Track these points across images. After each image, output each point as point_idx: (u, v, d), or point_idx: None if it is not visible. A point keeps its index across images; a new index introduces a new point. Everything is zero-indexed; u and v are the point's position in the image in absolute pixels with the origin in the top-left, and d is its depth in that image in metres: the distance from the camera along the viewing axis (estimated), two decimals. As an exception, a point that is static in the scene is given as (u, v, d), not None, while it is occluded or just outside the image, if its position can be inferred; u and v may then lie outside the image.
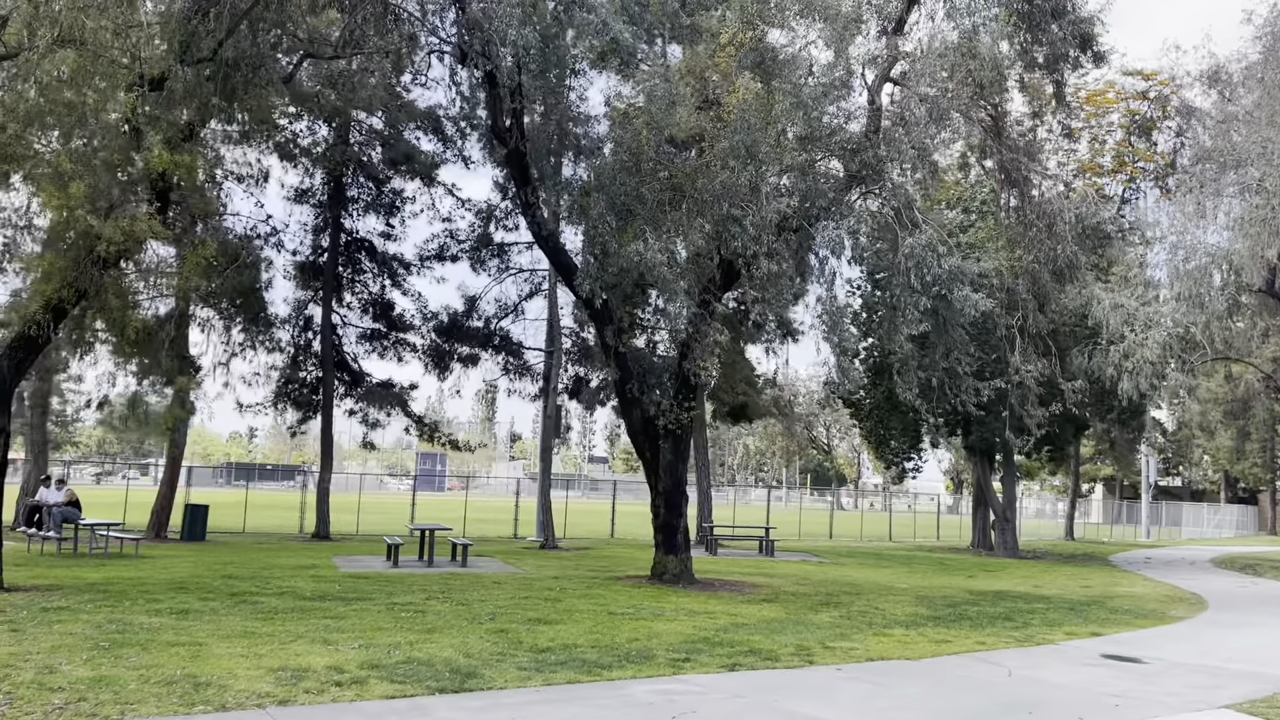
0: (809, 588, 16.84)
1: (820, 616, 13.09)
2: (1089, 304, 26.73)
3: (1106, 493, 75.43)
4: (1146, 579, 22.59)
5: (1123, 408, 26.73)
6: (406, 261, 27.11)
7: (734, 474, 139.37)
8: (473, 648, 9.50)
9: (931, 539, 36.57)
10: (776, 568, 20.91)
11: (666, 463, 16.58)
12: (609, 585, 15.66)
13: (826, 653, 10.25)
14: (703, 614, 12.75)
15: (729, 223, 14.97)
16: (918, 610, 14.25)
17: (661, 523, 16.57)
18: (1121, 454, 42.88)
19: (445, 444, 27.57)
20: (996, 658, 10.44)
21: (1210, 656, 11.09)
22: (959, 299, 14.49)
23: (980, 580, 20.17)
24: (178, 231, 15.33)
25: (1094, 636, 12.42)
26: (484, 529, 30.17)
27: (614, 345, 16.59)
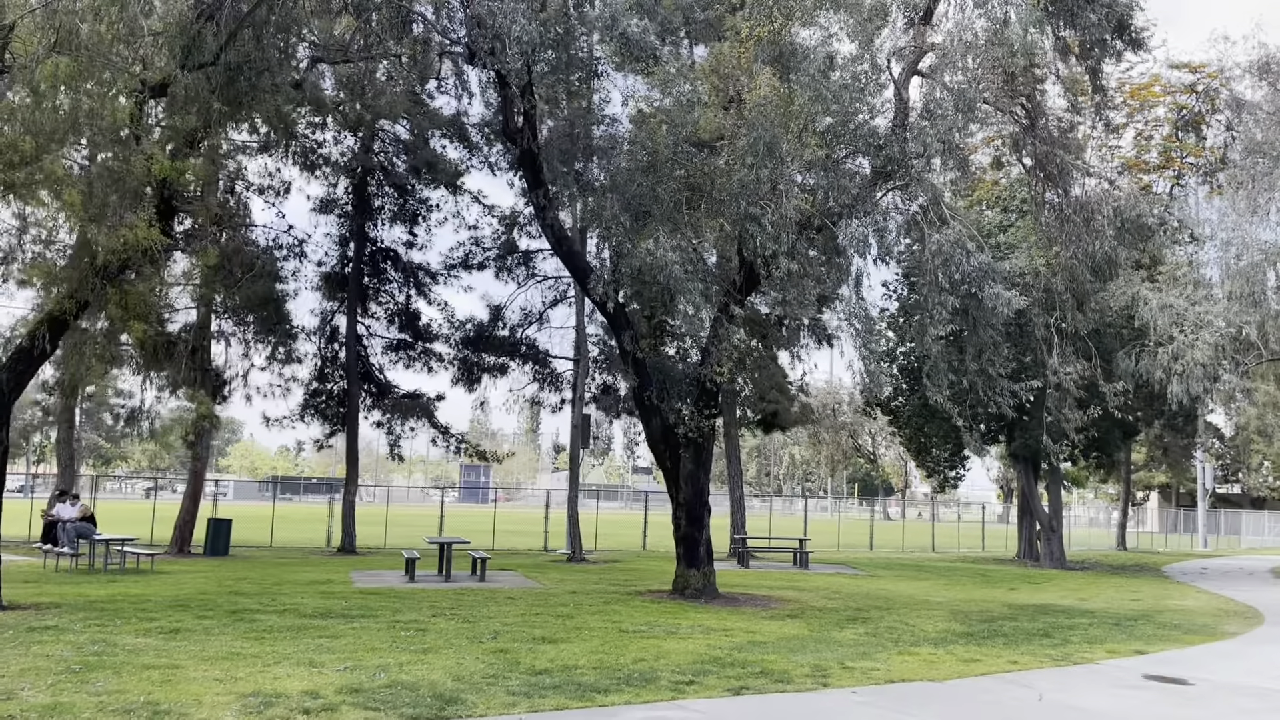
0: (838, 602, 16.15)
1: (845, 633, 12.42)
2: (1135, 304, 25.72)
3: (1162, 501, 73.23)
4: (1200, 591, 21.51)
5: (1173, 412, 25.59)
6: (433, 271, 26.86)
7: (780, 484, 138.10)
8: (466, 669, 9.02)
9: (977, 549, 35.49)
10: (808, 580, 20.20)
11: (687, 472, 16.01)
12: (627, 601, 15.11)
13: (844, 673, 9.61)
14: (719, 631, 12.16)
15: (747, 222, 14.41)
16: (950, 626, 13.51)
17: (682, 535, 15.99)
18: (1175, 460, 41.39)
19: (472, 455, 27.25)
20: (1028, 679, 9.72)
21: (1263, 676, 10.25)
22: (990, 297, 13.76)
23: (1022, 593, 19.30)
24: (183, 241, 15.09)
25: (1138, 655, 11.62)
26: (516, 541, 29.81)
27: (631, 351, 16.09)
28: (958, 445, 29.64)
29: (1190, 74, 31.04)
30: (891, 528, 42.88)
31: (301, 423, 26.80)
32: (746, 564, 23.49)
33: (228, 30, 13.48)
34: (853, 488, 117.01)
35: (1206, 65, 30.66)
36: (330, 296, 26.38)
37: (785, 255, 14.11)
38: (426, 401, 26.34)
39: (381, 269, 26.54)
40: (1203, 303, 25.14)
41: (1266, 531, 60.19)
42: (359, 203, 25.73)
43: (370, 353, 26.51)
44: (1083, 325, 16.82)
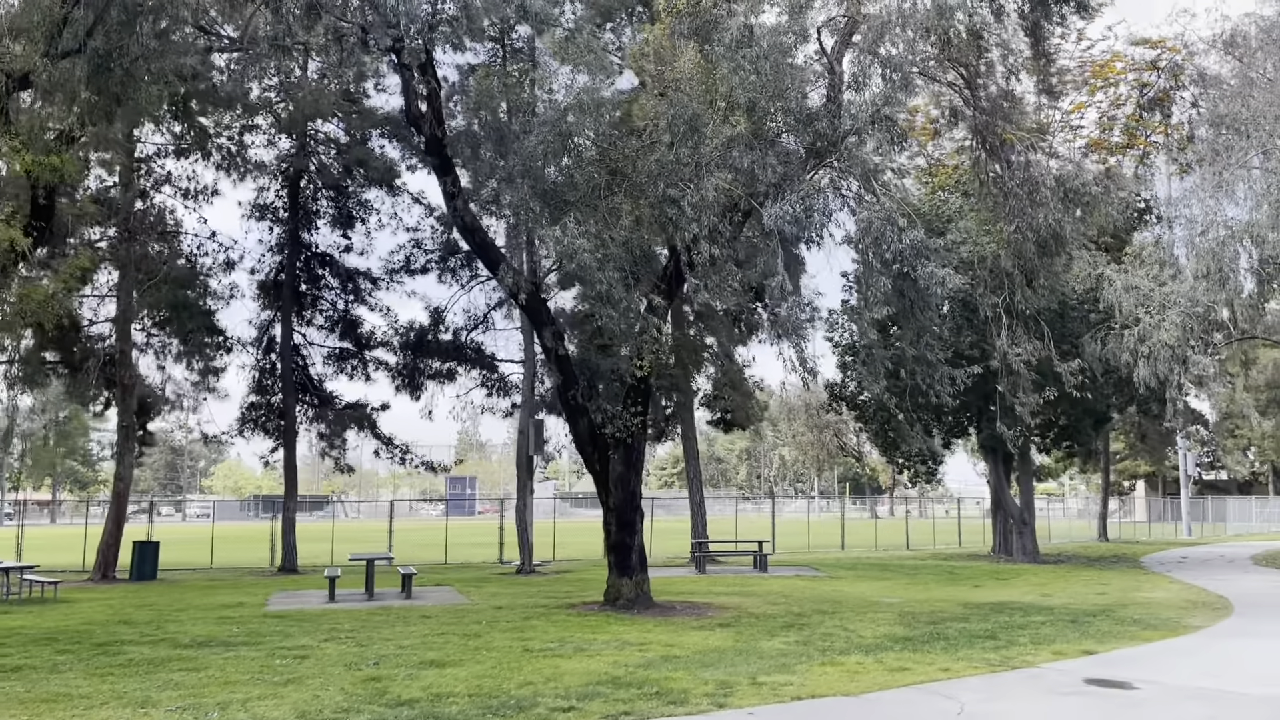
0: (781, 607, 15.17)
1: (773, 643, 11.45)
2: (1099, 286, 24.86)
3: (1149, 490, 72.49)
4: (1173, 581, 20.62)
5: (1143, 396, 24.72)
6: (373, 276, 25.88)
7: (771, 485, 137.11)
8: (319, 703, 8.02)
9: (953, 546, 34.56)
10: (761, 585, 19.22)
11: (617, 475, 15.04)
12: (552, 615, 14.12)
13: (752, 690, 8.64)
14: (635, 646, 11.18)
15: (665, 204, 13.50)
16: (892, 630, 12.55)
17: (613, 542, 15.01)
18: (1154, 447, 40.54)
19: (418, 467, 26.23)
20: (955, 688, 8.77)
21: (1217, 677, 9.32)
22: (924, 276, 12.82)
23: (985, 590, 18.37)
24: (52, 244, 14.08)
25: (1085, 655, 10.67)
26: (476, 553, 28.78)
27: (553, 348, 15.14)
28: (927, 438, 28.74)
29: (1151, 50, 30.25)
30: (867, 526, 41.96)
31: (241, 438, 25.77)
32: (704, 569, 22.51)
33: (94, 12, 12.51)
34: (844, 487, 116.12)
35: (1168, 40, 29.90)
36: (267, 306, 25.36)
37: (706, 239, 13.20)
38: (369, 412, 25.32)
39: (318, 275, 25.54)
40: (1169, 283, 24.29)
41: (1253, 517, 59.40)
42: (293, 206, 24.73)
43: (310, 363, 25.48)
44: (1033, 302, 15.87)
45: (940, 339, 14.05)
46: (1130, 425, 41.65)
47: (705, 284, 13.16)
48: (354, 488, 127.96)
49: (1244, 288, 27.68)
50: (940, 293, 12.76)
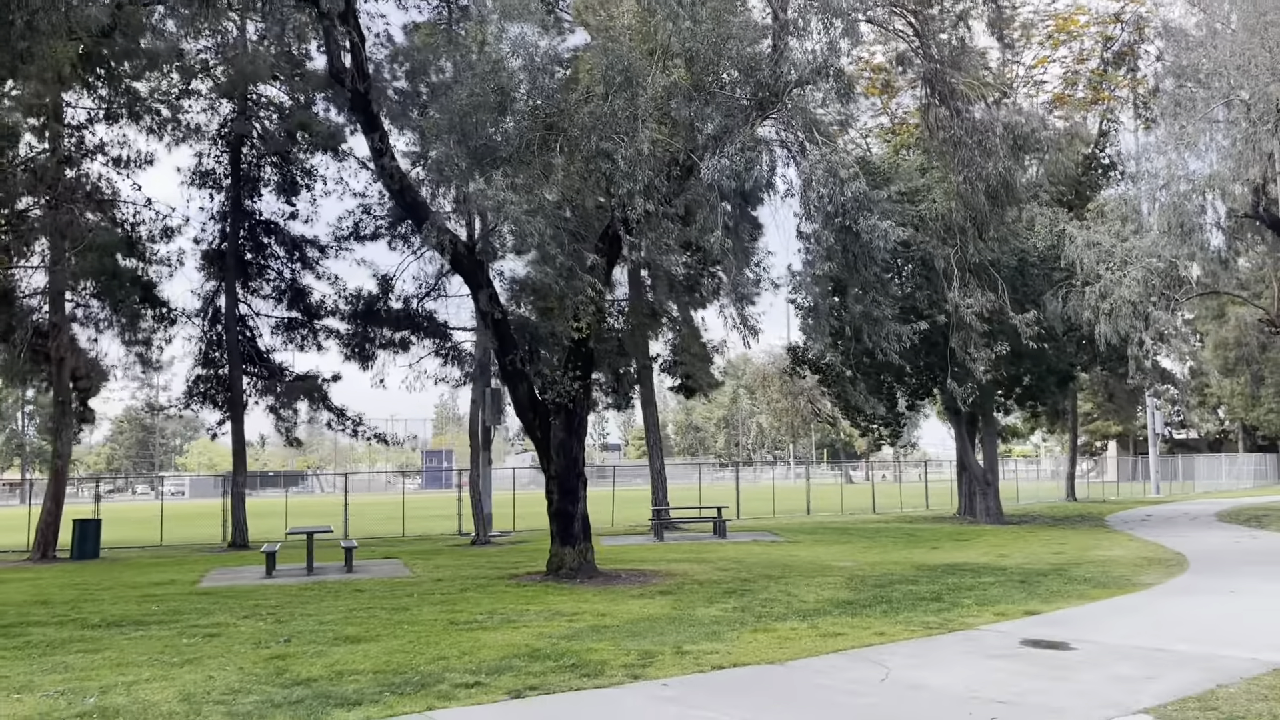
0: (731, 573, 14.84)
1: (710, 610, 11.09)
2: (1061, 242, 24.54)
3: (1120, 449, 72.94)
4: (1133, 539, 20.47)
5: (1104, 354, 24.50)
6: (321, 244, 25.17)
7: (749, 452, 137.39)
8: (211, 685, 7.58)
9: (921, 508, 34.45)
10: (717, 551, 18.90)
11: (558, 441, 14.60)
12: (490, 586, 13.72)
13: (675, 660, 8.26)
14: (567, 616, 10.79)
15: (599, 158, 12.98)
16: (836, 595, 12.23)
17: (555, 510, 14.59)
18: (1121, 406, 40.51)
19: (370, 439, 25.69)
20: (885, 654, 8.42)
21: (1159, 635, 9.02)
22: (866, 230, 12.37)
23: (942, 552, 18.11)
24: None
25: (1028, 616, 10.38)
26: (435, 526, 28.36)
27: (489, 311, 14.63)
28: (890, 401, 28.48)
29: (1116, 2, 29.83)
30: (838, 491, 41.85)
31: (189, 411, 25.16)
32: (662, 537, 22.18)
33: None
34: (821, 453, 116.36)
35: (1132, -8, 29.46)
36: (212, 276, 24.64)
37: (642, 195, 12.68)
38: (320, 383, 24.73)
39: (264, 244, 24.82)
40: (1131, 238, 23.99)
41: (1223, 475, 59.82)
42: (234, 173, 23.97)
43: (258, 334, 24.83)
44: (984, 254, 15.46)
45: (888, 294, 13.64)
46: (1098, 385, 41.65)
47: (641, 242, 12.62)
48: (330, 462, 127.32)
49: (1210, 243, 27.46)
50: (883, 246, 12.31)
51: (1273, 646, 8.33)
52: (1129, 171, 28.92)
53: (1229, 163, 23.79)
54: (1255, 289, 34.70)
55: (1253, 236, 29.70)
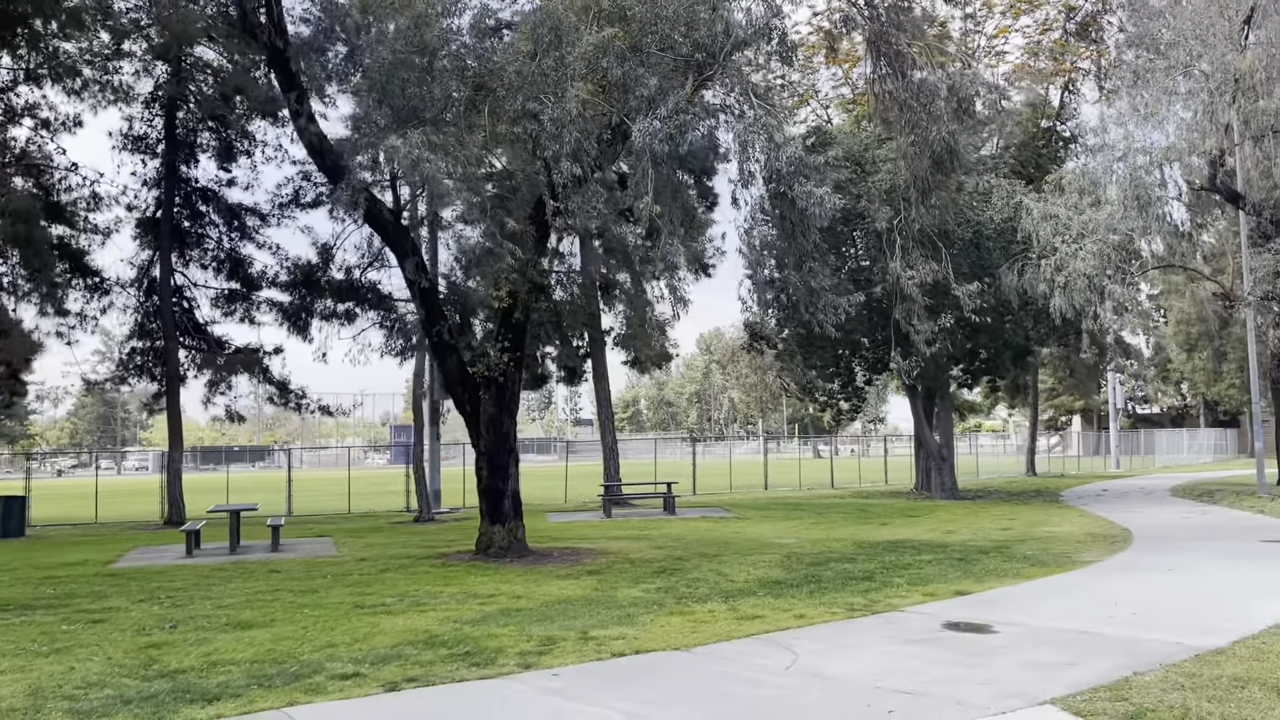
0: (667, 551, 14.42)
1: (633, 591, 10.66)
2: (1018, 215, 24.17)
3: (1084, 425, 73.35)
4: (1084, 514, 20.28)
5: (1060, 328, 24.24)
6: (261, 212, 24.36)
7: (722, 428, 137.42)
8: (67, 677, 7.04)
9: (880, 483, 34.28)
10: (661, 528, 18.50)
11: (488, 416, 14.07)
12: (414, 566, 13.20)
13: (577, 647, 7.81)
14: (481, 599, 10.33)
15: (525, 119, 12.37)
16: (767, 574, 11.83)
17: (485, 487, 14.09)
18: (1081, 381, 40.46)
19: (314, 412, 25.03)
20: (799, 638, 8.00)
21: (1087, 617, 8.67)
22: (801, 196, 11.87)
23: (890, 529, 17.80)
24: None
25: (957, 596, 10.02)
26: (387, 502, 27.77)
27: (415, 280, 14.04)
28: (848, 376, 28.14)
29: (1079, -29, 29.34)
30: (804, 466, 41.62)
31: (126, 385, 24.39)
32: (609, 513, 21.74)
33: None
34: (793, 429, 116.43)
35: (1094, -40, 28.99)
36: (148, 245, 23.80)
37: (569, 158, 12.10)
38: (261, 356, 24.00)
39: (201, 211, 23.98)
40: (1087, 211, 23.66)
41: (1184, 449, 60.25)
42: (169, 138, 23.08)
43: (196, 305, 24.05)
44: (926, 220, 15.01)
45: (827, 264, 13.18)
46: (1059, 361, 41.60)
47: (566, 207, 12.05)
48: (299, 437, 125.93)
49: (1170, 216, 27.17)
50: (819, 214, 11.83)
51: (1200, 629, 8.00)
52: (1090, 145, 28.60)
53: (1187, 135, 23.52)
54: (1219, 264, 34.63)
55: (1215, 210, 29.58)
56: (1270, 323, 24.52)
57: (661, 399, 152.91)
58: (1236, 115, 21.25)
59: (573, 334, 26.21)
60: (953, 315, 14.82)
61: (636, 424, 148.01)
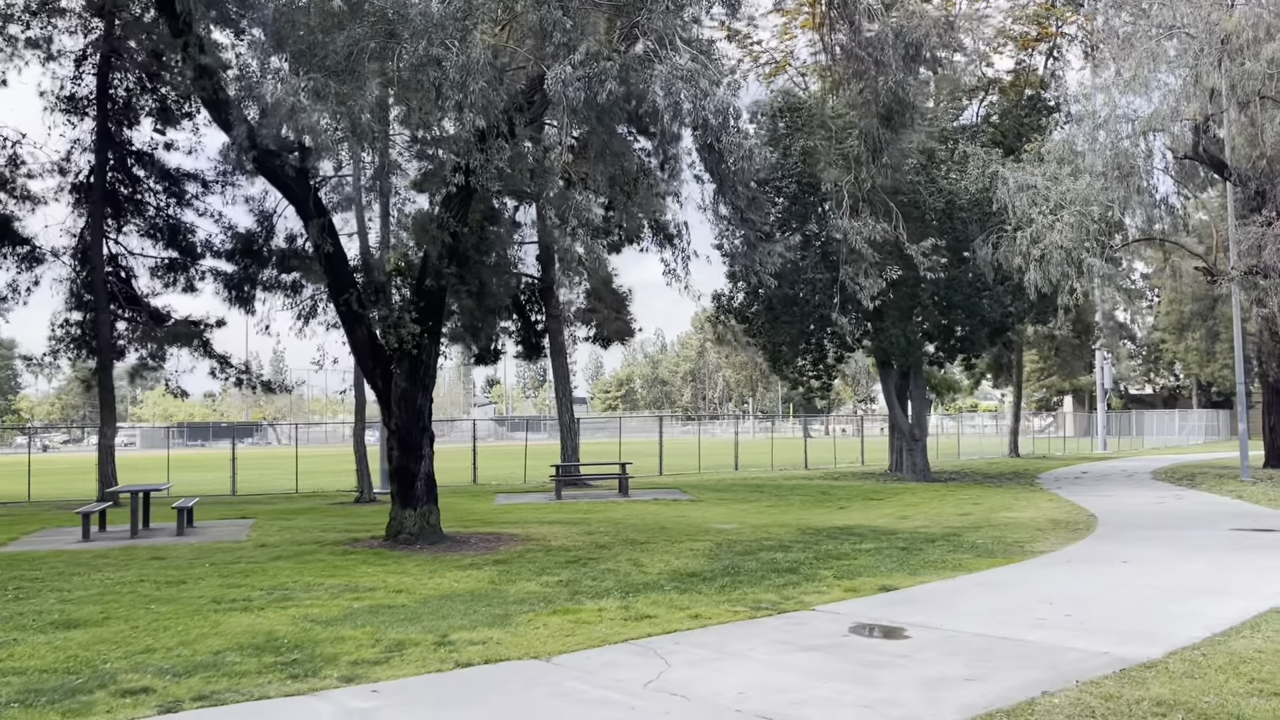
0: (595, 538, 13.45)
1: (530, 585, 9.69)
2: (993, 185, 23.04)
3: (1076, 405, 72.39)
4: (1054, 498, 19.32)
5: (1035, 303, 23.18)
6: (204, 179, 23.26)
7: (715, 406, 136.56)
8: None
9: (856, 464, 33.31)
10: (606, 511, 17.53)
11: (400, 392, 13.06)
12: (312, 554, 12.22)
13: (426, 654, 6.85)
14: (360, 592, 9.37)
15: (428, 66, 11.29)
16: (686, 564, 10.85)
17: (396, 468, 13.10)
18: (1066, 361, 39.43)
19: (254, 387, 23.98)
20: (681, 644, 7.02)
21: (1014, 619, 7.68)
22: (730, 147, 10.80)
23: (845, 513, 16.83)
24: None
25: (882, 592, 9.04)
26: (345, 481, 26.79)
27: (320, 244, 12.98)
28: (819, 352, 27.10)
29: (1065, -69, 28.07)
30: (779, 445, 40.68)
31: (65, 359, 23.37)
32: (560, 495, 20.77)
33: None
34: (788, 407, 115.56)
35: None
36: (84, 212, 22.69)
37: (474, 109, 11.04)
38: (202, 328, 22.95)
39: (138, 177, 22.87)
40: (1065, 180, 22.54)
41: (1176, 431, 59.27)
42: (102, 98, 21.93)
43: (134, 275, 22.98)
44: (879, 179, 13.94)
45: (763, 215, 12.10)
46: (1044, 339, 40.56)
47: (466, 164, 10.98)
48: (287, 414, 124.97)
49: (1156, 188, 26.04)
50: (749, 168, 10.77)
51: (1136, 634, 7.02)
52: (1073, 113, 27.43)
53: (1172, 100, 22.37)
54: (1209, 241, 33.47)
55: (1201, 182, 28.45)
56: (1254, 299, 23.47)
57: (656, 378, 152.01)
58: (1223, 78, 20.12)
59: (533, 309, 25.19)
60: (898, 270, 13.78)
61: (631, 403, 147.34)
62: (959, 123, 26.62)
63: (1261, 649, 6.48)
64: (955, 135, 24.98)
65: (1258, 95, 19.99)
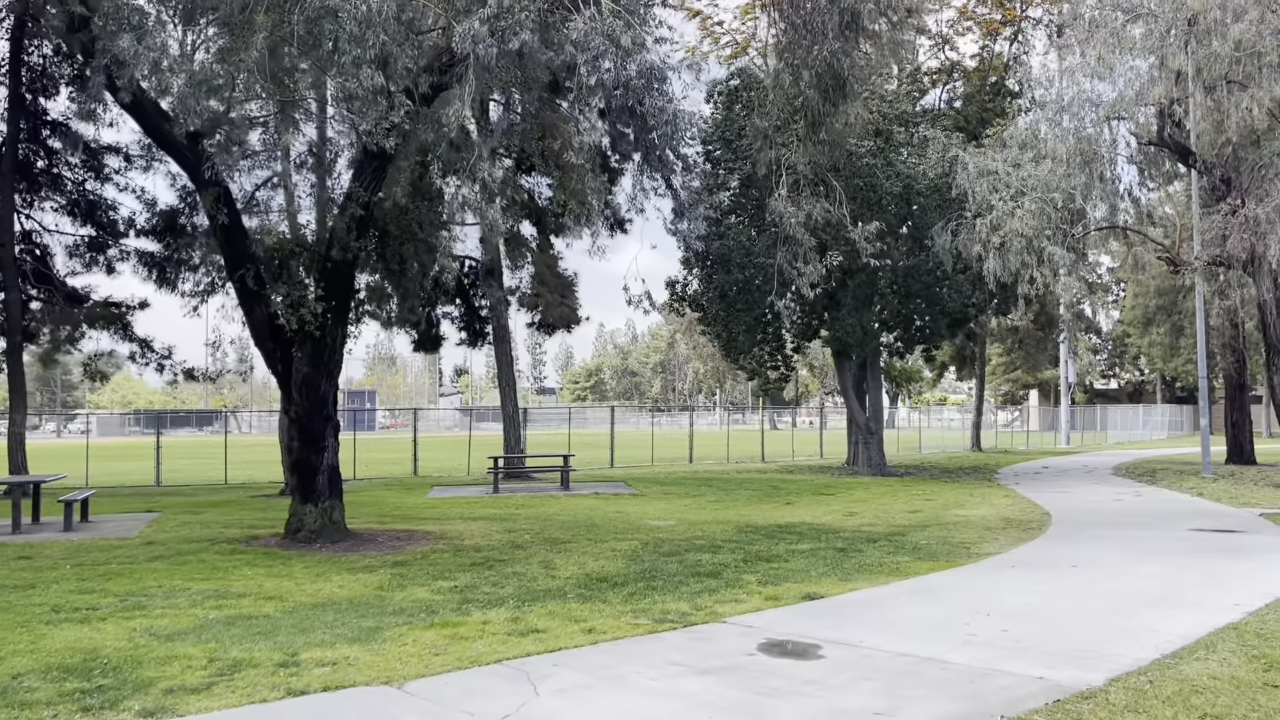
0: (514, 536, 12.50)
1: (420, 591, 8.73)
2: (953, 170, 22.28)
3: (1042, 399, 72.27)
4: (1010, 494, 18.60)
5: (994, 292, 22.46)
6: (129, 154, 22.01)
7: (686, 398, 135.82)
8: None
9: (815, 457, 32.58)
10: (540, 506, 16.58)
11: (302, 377, 12.03)
12: (198, 554, 11.18)
13: (265, 677, 5.89)
14: (226, 600, 8.38)
15: (324, 18, 10.25)
16: (602, 567, 9.93)
17: (296, 460, 12.10)
18: (1030, 353, 38.91)
19: (180, 375, 22.77)
20: (561, 666, 6.09)
21: (944, 634, 6.83)
22: (653, 111, 9.86)
23: (791, 510, 15.98)
24: None
25: (805, 601, 8.16)
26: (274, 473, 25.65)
27: (214, 215, 11.90)
28: (777, 341, 26.27)
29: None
30: (740, 438, 39.94)
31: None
32: (498, 488, 19.78)
33: None
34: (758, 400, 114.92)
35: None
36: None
37: (371, 65, 10.01)
38: (122, 310, 21.74)
39: (54, 149, 21.58)
40: (1027, 166, 21.81)
41: (1140, 425, 59.15)
42: (14, 63, 20.61)
43: (50, 253, 21.70)
44: (820, 157, 13.06)
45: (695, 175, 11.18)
46: (1008, 331, 40.03)
47: (356, 125, 9.97)
48: (249, 401, 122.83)
49: (1120, 176, 25.37)
50: (671, 134, 9.83)
51: (1077, 655, 6.18)
52: (1036, 98, 26.72)
53: (1137, 84, 21.69)
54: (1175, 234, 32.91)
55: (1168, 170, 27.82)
56: (1216, 290, 22.92)
57: (626, 369, 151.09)
58: (1189, 60, 19.40)
59: (476, 294, 24.16)
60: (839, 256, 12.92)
61: (600, 394, 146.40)
62: (920, 105, 25.84)
63: (1216, 675, 5.65)
64: (916, 119, 24.21)
65: (1224, 79, 19.31)
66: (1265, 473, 23.20)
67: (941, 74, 28.02)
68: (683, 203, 11.60)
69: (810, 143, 12.59)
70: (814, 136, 12.65)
